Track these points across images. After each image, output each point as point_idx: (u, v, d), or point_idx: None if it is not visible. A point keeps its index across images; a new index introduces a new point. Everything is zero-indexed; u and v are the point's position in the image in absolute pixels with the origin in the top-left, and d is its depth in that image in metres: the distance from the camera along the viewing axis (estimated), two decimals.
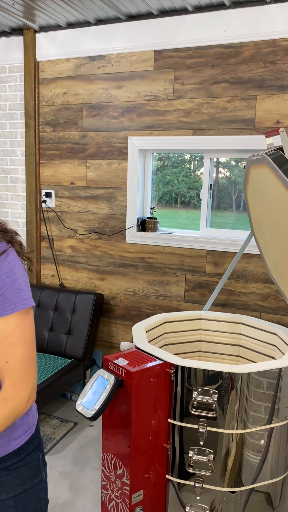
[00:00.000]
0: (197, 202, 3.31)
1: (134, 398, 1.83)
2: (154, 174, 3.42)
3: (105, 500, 2.08)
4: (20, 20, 3.21)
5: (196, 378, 1.91)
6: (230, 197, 3.26)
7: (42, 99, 3.48)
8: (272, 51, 2.75)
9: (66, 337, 3.30)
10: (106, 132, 3.30)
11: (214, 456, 1.93)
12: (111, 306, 3.47)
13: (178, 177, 3.41)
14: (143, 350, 2.05)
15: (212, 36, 2.86)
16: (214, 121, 2.95)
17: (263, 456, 1.97)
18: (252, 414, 1.92)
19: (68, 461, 2.71)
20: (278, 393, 1.94)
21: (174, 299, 3.24)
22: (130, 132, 3.21)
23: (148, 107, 3.13)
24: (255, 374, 1.90)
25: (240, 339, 2.61)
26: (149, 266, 3.29)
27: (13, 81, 3.57)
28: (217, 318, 2.64)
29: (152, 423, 1.92)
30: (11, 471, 1.13)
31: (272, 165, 1.98)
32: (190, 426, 1.94)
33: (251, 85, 2.82)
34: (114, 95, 3.23)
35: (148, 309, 3.34)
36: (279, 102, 2.77)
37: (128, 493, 1.90)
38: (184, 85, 3.00)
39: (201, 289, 3.15)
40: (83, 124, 3.37)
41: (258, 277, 2.97)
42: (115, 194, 3.34)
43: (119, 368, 1.88)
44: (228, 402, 1.89)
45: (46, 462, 1.25)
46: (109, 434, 1.99)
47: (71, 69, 3.35)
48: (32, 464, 1.17)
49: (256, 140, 2.83)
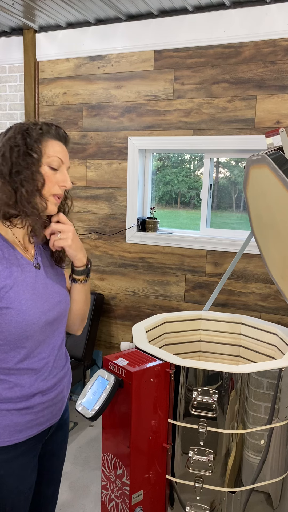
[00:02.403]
0: (197, 202, 3.31)
1: (134, 398, 1.83)
2: (154, 174, 3.42)
3: (105, 500, 2.08)
4: (20, 20, 3.21)
5: (196, 378, 1.91)
6: (230, 197, 3.26)
7: (42, 99, 3.48)
8: (272, 51, 2.75)
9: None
10: (106, 132, 3.30)
11: (214, 456, 1.93)
12: (111, 306, 3.47)
13: (178, 177, 3.41)
14: (143, 350, 2.05)
15: (212, 36, 2.86)
16: (214, 121, 2.95)
17: (263, 456, 1.97)
18: (252, 414, 1.92)
19: (68, 461, 2.71)
20: (278, 393, 1.94)
21: (174, 299, 3.24)
22: (130, 132, 3.21)
23: (148, 107, 3.13)
24: (255, 374, 1.90)
25: (240, 339, 2.61)
26: (149, 266, 3.29)
27: (13, 81, 3.57)
28: (217, 318, 2.64)
29: (152, 423, 1.92)
30: None
31: (272, 165, 1.98)
32: (190, 426, 1.94)
33: (251, 85, 2.82)
34: (114, 95, 3.23)
35: (148, 309, 3.34)
36: (279, 102, 2.77)
37: (128, 493, 1.90)
38: (184, 85, 3.00)
39: (201, 289, 3.15)
40: (83, 124, 3.37)
41: (258, 277, 2.97)
42: (115, 194, 3.34)
43: (119, 368, 1.88)
44: (228, 402, 1.89)
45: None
46: (109, 434, 1.99)
47: (71, 69, 3.35)
48: None
49: (256, 140, 2.83)
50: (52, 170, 1.19)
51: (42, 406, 1.25)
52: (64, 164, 1.21)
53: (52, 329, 1.26)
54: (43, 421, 1.27)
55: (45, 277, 1.27)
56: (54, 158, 1.18)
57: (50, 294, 1.25)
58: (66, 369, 1.37)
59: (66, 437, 1.46)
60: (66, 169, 1.22)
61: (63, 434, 1.44)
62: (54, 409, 1.30)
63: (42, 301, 1.22)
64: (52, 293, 1.26)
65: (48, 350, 1.26)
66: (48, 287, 1.26)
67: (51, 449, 1.40)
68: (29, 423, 1.23)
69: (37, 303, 1.20)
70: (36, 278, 1.23)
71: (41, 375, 1.25)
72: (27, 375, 1.21)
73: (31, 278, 1.22)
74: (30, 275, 1.22)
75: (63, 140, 1.23)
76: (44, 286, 1.25)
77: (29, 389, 1.22)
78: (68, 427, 1.48)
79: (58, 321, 1.28)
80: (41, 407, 1.25)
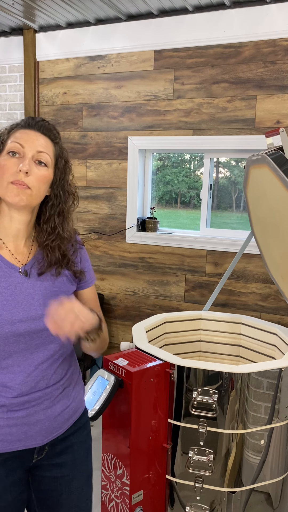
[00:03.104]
0: (197, 202, 3.31)
1: (134, 398, 1.83)
2: (154, 174, 3.42)
3: (105, 500, 2.08)
4: (20, 20, 3.21)
5: (196, 378, 1.91)
6: (230, 197, 3.26)
7: (42, 99, 3.48)
8: (272, 51, 2.75)
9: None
10: (106, 132, 3.30)
11: (214, 456, 1.93)
12: (111, 306, 3.47)
13: (178, 177, 3.41)
14: (143, 350, 2.05)
15: (212, 36, 2.86)
16: (214, 121, 2.95)
17: (263, 456, 1.97)
18: (252, 414, 1.92)
19: None
20: (278, 393, 1.94)
21: (174, 299, 3.24)
22: (130, 132, 3.21)
23: (148, 107, 3.13)
24: (255, 374, 1.90)
25: (240, 339, 2.61)
26: (149, 266, 3.29)
27: (13, 81, 3.57)
28: (217, 318, 2.64)
29: (152, 423, 1.92)
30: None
31: (272, 165, 1.98)
32: (190, 426, 1.94)
33: (251, 85, 2.82)
34: (114, 95, 3.23)
35: (148, 309, 3.34)
36: (279, 102, 2.77)
37: (128, 493, 1.90)
38: (184, 85, 3.00)
39: (201, 289, 3.15)
40: (83, 124, 3.37)
41: (258, 277, 2.97)
42: (115, 194, 3.34)
43: (119, 368, 1.88)
44: (228, 402, 1.89)
45: None
46: (109, 434, 1.99)
47: (71, 69, 3.35)
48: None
49: (256, 140, 2.83)
50: (11, 157, 1.10)
51: (6, 422, 1.14)
52: (25, 149, 1.10)
53: (30, 344, 1.15)
54: (11, 439, 1.15)
55: (32, 287, 1.16)
56: (12, 144, 1.11)
57: (31, 305, 1.14)
58: (59, 395, 1.21)
59: (77, 466, 1.30)
60: (31, 154, 1.10)
61: (69, 460, 1.28)
62: (29, 430, 1.16)
63: (15, 310, 1.12)
64: (35, 306, 1.14)
65: (25, 366, 1.15)
66: (34, 298, 1.15)
67: (50, 475, 1.26)
68: None
69: (4, 311, 1.10)
70: (16, 285, 1.14)
71: (10, 389, 1.13)
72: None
73: (7, 283, 1.13)
74: (7, 280, 1.14)
75: (32, 127, 1.14)
76: (27, 295, 1.14)
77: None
78: (79, 454, 1.31)
79: (39, 337, 1.15)
80: (6, 423, 1.14)
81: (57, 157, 1.17)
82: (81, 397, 1.32)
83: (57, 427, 1.22)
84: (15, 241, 1.18)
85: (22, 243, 1.19)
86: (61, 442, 1.26)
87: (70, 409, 1.26)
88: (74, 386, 1.28)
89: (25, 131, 1.13)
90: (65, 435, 1.27)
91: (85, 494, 1.32)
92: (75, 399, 1.28)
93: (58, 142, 1.18)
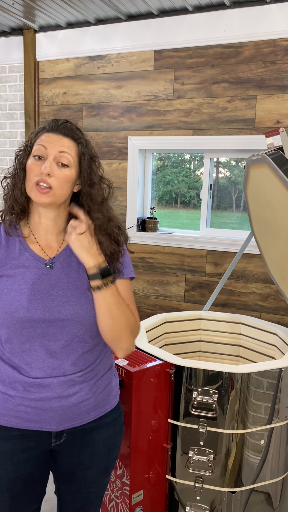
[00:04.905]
0: (197, 202, 3.31)
1: (134, 398, 1.83)
2: (154, 174, 3.42)
3: (105, 500, 2.08)
4: (20, 20, 3.21)
5: (196, 378, 1.91)
6: (230, 197, 3.26)
7: (42, 99, 3.48)
8: (272, 51, 2.75)
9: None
10: (106, 132, 3.30)
11: (214, 456, 1.93)
12: None
13: (178, 177, 3.41)
14: (143, 350, 2.05)
15: (212, 36, 2.86)
16: (214, 121, 2.95)
17: (263, 456, 1.97)
18: (252, 414, 1.92)
19: None
20: (278, 393, 1.94)
21: (174, 299, 3.24)
22: (130, 132, 3.21)
23: (148, 107, 3.13)
24: (255, 374, 1.90)
25: (240, 339, 2.61)
26: (149, 266, 3.29)
27: (13, 81, 3.57)
28: (217, 318, 2.64)
29: (152, 423, 1.92)
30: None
31: (272, 165, 1.98)
32: (190, 426, 1.94)
33: (251, 85, 2.82)
34: (114, 95, 3.23)
35: (148, 309, 3.34)
36: (279, 102, 2.77)
37: (128, 493, 1.90)
38: (184, 85, 3.00)
39: (201, 289, 3.15)
40: (83, 124, 3.37)
41: (258, 277, 2.97)
42: (115, 194, 3.34)
43: (119, 368, 1.88)
44: (228, 402, 1.89)
45: None
46: None
47: (71, 69, 3.35)
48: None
49: (256, 140, 2.83)
50: (37, 160, 1.18)
51: (22, 401, 1.22)
52: (48, 150, 1.17)
53: (47, 331, 1.21)
54: (27, 418, 1.23)
55: (56, 279, 1.23)
56: (37, 147, 1.19)
57: (53, 296, 1.21)
58: (75, 385, 1.25)
59: (94, 461, 1.34)
60: (52, 156, 1.17)
61: (88, 453, 1.33)
62: (43, 414, 1.23)
63: (33, 297, 1.19)
64: (57, 296, 1.22)
65: (41, 352, 1.22)
66: (54, 288, 1.22)
67: (68, 461, 1.33)
68: (10, 411, 1.22)
69: (22, 297, 1.19)
70: (40, 275, 1.22)
71: (26, 370, 1.22)
72: (9, 363, 1.23)
73: (31, 274, 1.22)
74: (32, 271, 1.22)
75: (55, 131, 1.20)
76: (47, 285, 1.22)
77: (11, 373, 1.22)
78: (99, 450, 1.33)
79: (55, 326, 1.21)
80: (21, 401, 1.22)
81: (81, 155, 1.22)
82: (107, 394, 1.33)
83: (74, 417, 1.27)
84: (46, 235, 1.27)
85: (53, 238, 1.27)
86: (81, 433, 1.31)
87: (90, 403, 1.28)
88: (97, 381, 1.30)
89: (49, 135, 1.20)
90: (85, 428, 1.31)
91: (99, 482, 1.38)
92: (97, 394, 1.30)
93: (82, 141, 1.23)
